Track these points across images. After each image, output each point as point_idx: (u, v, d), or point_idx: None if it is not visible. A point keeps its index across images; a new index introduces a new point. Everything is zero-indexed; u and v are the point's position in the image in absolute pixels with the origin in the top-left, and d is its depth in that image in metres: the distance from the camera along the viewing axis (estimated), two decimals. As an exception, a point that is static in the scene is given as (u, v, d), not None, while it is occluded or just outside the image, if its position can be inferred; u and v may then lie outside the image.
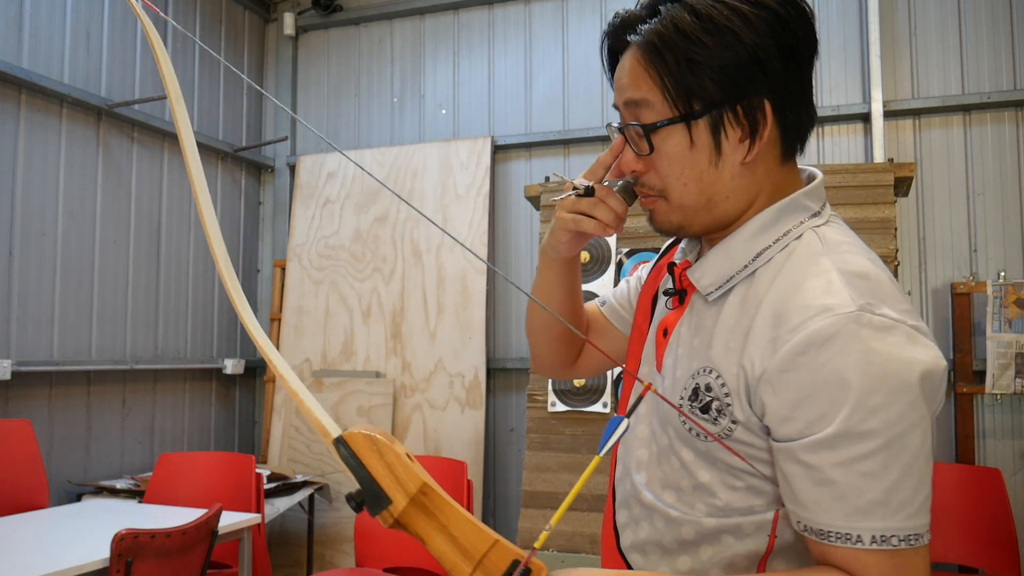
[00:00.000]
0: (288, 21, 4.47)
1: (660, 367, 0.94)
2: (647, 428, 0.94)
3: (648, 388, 0.77)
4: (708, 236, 0.91)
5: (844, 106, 3.53)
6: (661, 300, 1.01)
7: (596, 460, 0.74)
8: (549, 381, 3.03)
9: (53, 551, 2.16)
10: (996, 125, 3.36)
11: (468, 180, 3.99)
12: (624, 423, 0.81)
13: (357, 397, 3.90)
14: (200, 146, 3.52)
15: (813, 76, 0.87)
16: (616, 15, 0.90)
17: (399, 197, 1.16)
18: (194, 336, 4.02)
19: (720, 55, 0.80)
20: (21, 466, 2.86)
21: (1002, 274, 3.25)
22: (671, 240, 1.10)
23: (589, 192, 0.93)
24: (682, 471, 0.87)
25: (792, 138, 0.87)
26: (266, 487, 3.23)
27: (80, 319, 3.40)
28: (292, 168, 4.47)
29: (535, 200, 3.33)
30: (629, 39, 0.86)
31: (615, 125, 0.92)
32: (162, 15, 0.81)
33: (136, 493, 3.15)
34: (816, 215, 0.87)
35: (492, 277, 3.97)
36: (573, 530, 2.80)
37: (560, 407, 3.02)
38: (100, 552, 2.06)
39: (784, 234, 0.85)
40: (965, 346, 3.21)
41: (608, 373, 2.95)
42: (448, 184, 4.02)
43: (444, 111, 4.23)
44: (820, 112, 3.52)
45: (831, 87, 3.59)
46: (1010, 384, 3.08)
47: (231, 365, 4.11)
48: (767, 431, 0.79)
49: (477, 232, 3.90)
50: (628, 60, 0.86)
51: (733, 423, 0.81)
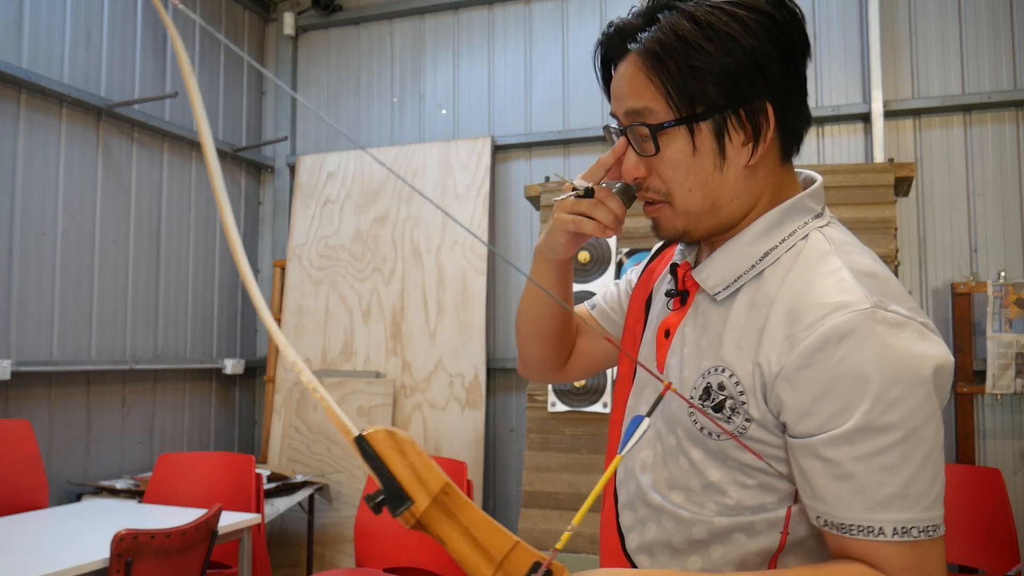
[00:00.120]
0: (288, 21, 4.47)
1: (662, 368, 0.94)
2: (652, 429, 0.94)
3: (668, 387, 0.78)
4: (709, 239, 0.92)
5: (844, 106, 3.53)
6: (658, 302, 1.01)
7: (618, 459, 0.75)
8: (549, 381, 3.02)
9: (53, 551, 2.16)
10: (996, 125, 3.36)
11: (468, 180, 3.99)
12: (645, 422, 0.85)
13: (357, 397, 3.90)
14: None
15: (811, 76, 0.88)
16: (610, 24, 0.90)
17: (410, 186, 1.16)
18: (194, 336, 4.02)
19: (721, 60, 0.81)
20: (21, 466, 2.86)
21: (1002, 274, 3.25)
22: (661, 243, 1.11)
23: (589, 193, 0.93)
24: (691, 471, 0.87)
25: (791, 139, 0.88)
26: (266, 487, 3.23)
27: (80, 319, 3.40)
28: (292, 168, 4.47)
29: (535, 200, 3.33)
30: (629, 47, 0.86)
31: (615, 127, 0.92)
32: (191, 14, 0.79)
33: (136, 493, 3.15)
34: (819, 216, 0.88)
35: (492, 277, 3.97)
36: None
37: (560, 407, 3.02)
38: (100, 552, 2.06)
39: (790, 234, 0.86)
40: (965, 346, 3.21)
41: (608, 373, 2.95)
42: (448, 184, 4.02)
43: (444, 111, 4.23)
44: (820, 112, 3.53)
45: (831, 87, 3.59)
46: (1010, 384, 3.08)
47: (231, 365, 4.11)
48: (782, 428, 0.80)
49: (477, 232, 3.90)
50: (628, 68, 0.86)
51: (747, 421, 0.81)
